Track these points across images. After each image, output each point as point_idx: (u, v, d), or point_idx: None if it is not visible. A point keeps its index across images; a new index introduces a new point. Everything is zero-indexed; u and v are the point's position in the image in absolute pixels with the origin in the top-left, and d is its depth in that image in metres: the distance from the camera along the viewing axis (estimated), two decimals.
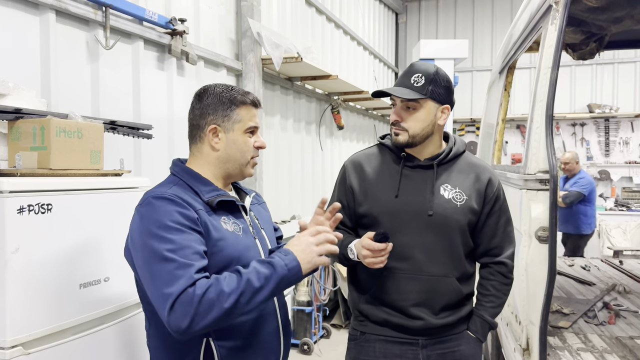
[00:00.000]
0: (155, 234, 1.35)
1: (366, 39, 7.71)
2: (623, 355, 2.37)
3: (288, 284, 1.41)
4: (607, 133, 8.54)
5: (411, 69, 1.82)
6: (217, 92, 1.55)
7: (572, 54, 4.17)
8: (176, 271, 1.31)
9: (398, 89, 1.80)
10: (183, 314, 1.27)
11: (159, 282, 1.32)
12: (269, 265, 1.38)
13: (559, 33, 2.18)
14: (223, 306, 1.29)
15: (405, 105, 1.80)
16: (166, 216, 1.37)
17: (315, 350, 4.75)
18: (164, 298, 1.29)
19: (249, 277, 1.34)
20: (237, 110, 1.54)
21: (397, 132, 1.83)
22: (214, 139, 1.54)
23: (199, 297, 1.28)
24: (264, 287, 1.34)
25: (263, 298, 1.35)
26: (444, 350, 1.86)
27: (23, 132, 1.94)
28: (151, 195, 1.44)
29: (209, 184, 1.53)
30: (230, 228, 1.50)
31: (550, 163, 2.14)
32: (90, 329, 1.95)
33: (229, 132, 1.54)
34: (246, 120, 1.55)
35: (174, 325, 1.28)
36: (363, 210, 1.87)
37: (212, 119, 1.53)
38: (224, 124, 1.53)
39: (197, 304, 1.27)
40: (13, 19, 2.31)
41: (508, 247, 1.92)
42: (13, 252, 1.65)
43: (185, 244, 1.35)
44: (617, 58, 8.46)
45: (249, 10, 4.09)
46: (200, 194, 1.49)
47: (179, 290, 1.28)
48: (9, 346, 1.64)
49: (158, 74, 3.22)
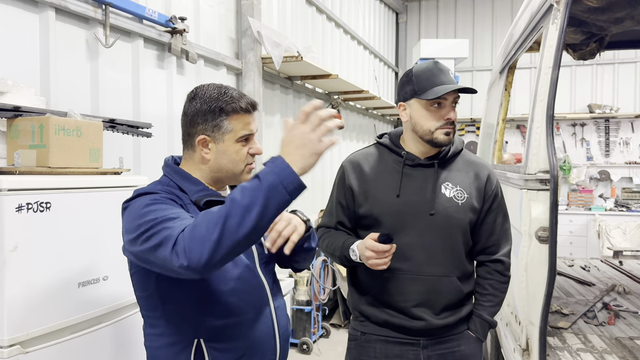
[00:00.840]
0: (144, 212, 1.30)
1: (366, 39, 7.70)
2: (622, 355, 2.37)
3: (285, 191, 1.20)
4: (607, 133, 8.53)
5: (443, 67, 1.82)
6: (206, 97, 1.45)
7: (572, 54, 4.16)
8: (172, 224, 1.24)
9: (454, 85, 1.79)
10: (182, 255, 1.17)
11: (157, 242, 1.23)
12: (254, 178, 1.22)
13: (559, 33, 2.17)
14: (212, 237, 1.16)
15: (454, 101, 1.81)
16: (152, 198, 1.35)
17: (314, 349, 4.74)
18: (164, 252, 1.21)
19: (233, 196, 1.20)
20: (228, 120, 1.44)
21: (449, 131, 1.81)
22: (203, 149, 1.46)
23: (188, 236, 1.18)
24: (254, 203, 1.17)
25: (257, 215, 1.17)
26: (444, 351, 1.86)
27: (22, 130, 1.93)
28: (139, 192, 1.41)
29: (199, 183, 1.48)
30: None
31: (550, 163, 2.14)
32: (88, 327, 1.94)
33: (219, 142, 1.45)
34: (237, 130, 1.46)
35: (179, 269, 1.19)
36: (364, 211, 1.86)
37: (201, 128, 1.45)
38: (213, 134, 1.45)
39: (189, 241, 1.17)
40: (12, 17, 2.30)
41: (505, 245, 1.92)
42: (11, 251, 1.65)
43: (177, 210, 1.31)
44: (618, 58, 8.45)
45: (249, 9, 4.08)
46: (189, 194, 1.44)
47: (175, 238, 1.20)
48: (7, 345, 1.64)
49: (158, 73, 3.21)
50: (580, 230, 7.98)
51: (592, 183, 8.54)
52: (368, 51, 7.87)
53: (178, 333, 1.44)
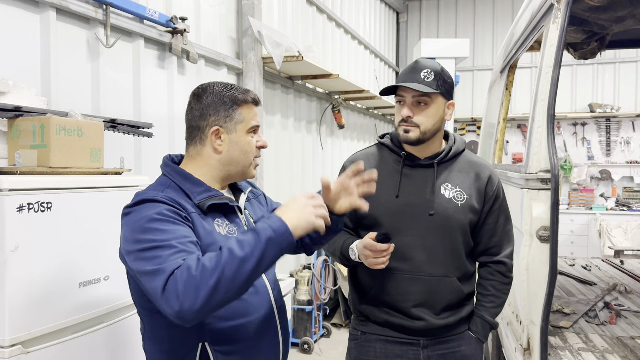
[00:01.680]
0: (146, 228, 1.29)
1: (367, 38, 7.70)
2: (624, 355, 2.36)
3: (279, 248, 1.27)
4: (608, 133, 8.52)
5: (418, 65, 1.79)
6: (217, 91, 1.48)
7: (573, 54, 4.16)
8: (170, 255, 1.24)
9: (410, 83, 1.76)
10: (174, 299, 1.18)
11: (150, 269, 1.23)
12: (252, 232, 1.26)
13: (561, 32, 2.17)
14: (208, 285, 1.17)
15: (417, 100, 1.77)
16: (156, 212, 1.32)
17: (315, 349, 4.74)
18: (156, 285, 1.21)
19: (231, 247, 1.23)
20: (240, 110, 1.48)
21: (408, 129, 1.78)
22: (216, 141, 1.47)
23: (182, 279, 1.18)
24: (250, 256, 1.21)
25: (252, 268, 1.22)
26: (445, 351, 1.85)
27: (23, 131, 1.94)
28: (141, 197, 1.38)
29: (201, 184, 1.46)
30: (223, 232, 1.44)
31: (551, 163, 2.14)
32: (90, 328, 1.94)
33: (232, 133, 1.48)
34: (249, 120, 1.50)
35: (169, 311, 1.19)
36: (364, 212, 1.86)
37: (214, 120, 1.46)
38: (226, 124, 1.47)
39: (183, 286, 1.17)
40: (14, 17, 2.30)
41: (507, 246, 1.91)
42: (13, 251, 1.65)
43: (179, 233, 1.30)
44: (619, 58, 8.44)
45: (250, 9, 4.08)
46: (192, 196, 1.43)
47: (168, 275, 1.20)
48: (9, 345, 1.64)
49: (159, 73, 3.21)
50: (581, 229, 7.97)
51: (593, 182, 8.53)
52: (369, 51, 7.86)
53: (181, 337, 1.42)
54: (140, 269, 1.27)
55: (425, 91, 1.74)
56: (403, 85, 1.76)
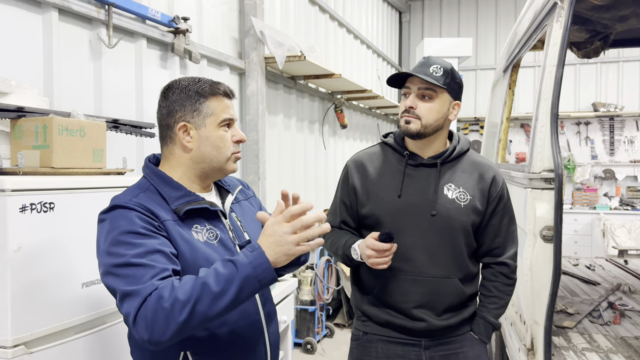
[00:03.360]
0: (118, 240, 1.26)
1: (369, 38, 7.69)
2: (628, 355, 2.35)
3: (258, 285, 1.22)
4: (611, 132, 8.49)
5: (429, 61, 1.78)
6: (182, 85, 1.41)
7: (576, 53, 4.15)
8: (141, 278, 1.21)
9: (419, 73, 1.75)
10: (143, 327, 1.17)
11: (122, 290, 1.22)
12: (231, 265, 1.20)
13: (564, 31, 2.16)
14: (178, 319, 1.15)
15: (422, 93, 1.77)
16: (128, 223, 1.28)
17: (318, 349, 4.74)
18: (127, 310, 1.20)
19: (206, 280, 1.18)
20: (207, 103, 1.40)
21: (409, 120, 1.77)
22: (185, 137, 1.40)
23: (152, 309, 1.16)
24: (226, 292, 1.17)
25: (227, 304, 1.18)
26: (447, 352, 1.84)
27: (25, 131, 1.94)
28: (115, 203, 1.35)
29: (180, 188, 1.40)
30: (202, 238, 1.38)
31: (555, 162, 2.13)
32: (92, 328, 1.94)
33: (201, 127, 1.40)
34: (219, 113, 1.41)
35: (139, 338, 1.18)
36: (366, 211, 1.85)
37: (180, 115, 1.40)
38: (193, 119, 1.39)
39: (152, 315, 1.16)
40: (16, 18, 2.30)
41: (510, 247, 1.90)
42: (15, 251, 1.65)
43: (151, 247, 1.25)
44: (622, 56, 8.41)
45: (252, 8, 4.08)
46: (169, 201, 1.37)
47: (140, 301, 1.18)
48: (11, 345, 1.64)
49: (161, 73, 3.21)
50: (585, 229, 7.94)
51: (596, 182, 8.50)
52: (371, 50, 7.86)
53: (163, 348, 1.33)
54: (112, 285, 1.25)
55: (431, 82, 1.73)
56: (410, 74, 1.76)
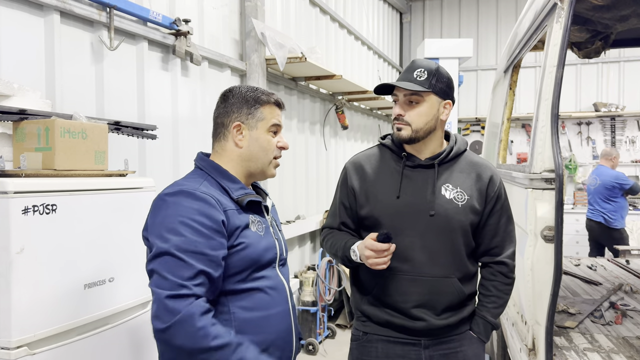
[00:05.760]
0: (174, 228, 1.38)
1: (370, 39, 7.70)
2: (630, 355, 2.35)
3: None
4: (613, 132, 8.49)
5: (413, 65, 1.82)
6: (242, 92, 1.60)
7: (577, 53, 4.15)
8: (179, 272, 1.34)
9: (401, 82, 1.79)
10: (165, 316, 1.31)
11: (160, 276, 1.35)
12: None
13: (564, 31, 2.17)
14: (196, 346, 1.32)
15: (408, 99, 1.79)
16: (191, 213, 1.40)
17: (320, 350, 4.74)
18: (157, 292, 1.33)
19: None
20: (261, 109, 1.59)
21: (400, 127, 1.81)
22: (237, 135, 1.57)
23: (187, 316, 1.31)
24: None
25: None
26: (446, 351, 1.85)
27: (28, 133, 1.95)
28: (183, 188, 1.45)
29: (237, 181, 1.57)
30: (254, 228, 1.54)
31: (555, 162, 2.13)
32: (95, 329, 1.95)
33: (253, 129, 1.58)
34: (269, 119, 1.60)
35: (154, 325, 1.33)
36: (365, 212, 1.87)
37: (236, 116, 1.58)
38: (247, 121, 1.58)
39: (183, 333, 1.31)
40: (18, 21, 2.31)
41: (509, 247, 1.91)
42: (18, 253, 1.66)
43: (202, 248, 1.38)
44: (623, 56, 8.41)
45: (253, 10, 4.09)
46: (230, 192, 1.52)
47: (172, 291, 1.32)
48: (15, 346, 1.65)
49: (162, 75, 3.22)
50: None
51: None
52: (372, 51, 7.86)
53: None
54: (153, 268, 1.37)
55: (413, 89, 1.76)
56: (393, 85, 1.80)
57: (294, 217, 5.08)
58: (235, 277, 1.49)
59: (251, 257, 1.50)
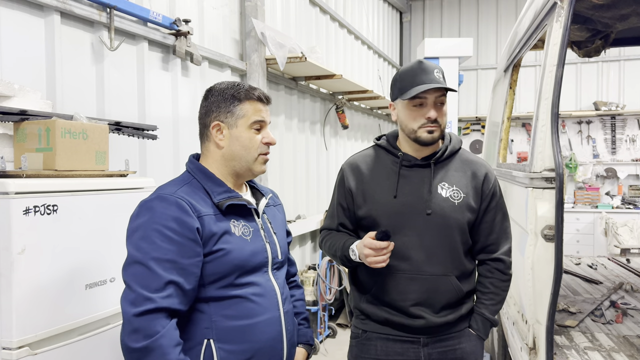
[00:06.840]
0: (146, 236, 1.37)
1: (370, 38, 7.70)
2: (630, 354, 2.36)
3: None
4: (613, 131, 8.48)
5: (426, 66, 1.79)
6: (221, 88, 1.55)
7: (577, 52, 4.15)
8: (147, 283, 1.33)
9: (438, 84, 1.76)
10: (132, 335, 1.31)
11: (129, 288, 1.35)
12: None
13: (564, 31, 2.17)
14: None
15: (439, 101, 1.79)
16: (164, 220, 1.38)
17: (321, 349, 4.75)
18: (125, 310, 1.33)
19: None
20: (240, 106, 1.53)
21: (432, 129, 1.79)
22: (217, 135, 1.53)
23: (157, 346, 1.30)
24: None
25: None
26: (445, 348, 1.86)
27: (28, 134, 1.95)
28: (159, 193, 1.44)
29: (222, 184, 1.53)
30: (238, 232, 1.49)
31: (556, 161, 2.13)
32: (96, 329, 1.95)
33: (233, 128, 1.53)
34: (250, 115, 1.53)
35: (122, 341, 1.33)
36: (362, 213, 1.88)
37: (215, 115, 1.54)
38: (227, 119, 1.53)
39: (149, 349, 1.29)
40: (18, 21, 2.32)
41: (505, 243, 1.93)
42: (19, 253, 1.66)
43: (171, 256, 1.36)
44: (623, 55, 8.41)
45: (253, 10, 4.09)
46: (212, 195, 1.49)
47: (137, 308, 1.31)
48: (16, 346, 1.65)
49: (163, 75, 3.22)
50: (587, 228, 7.93)
51: (598, 181, 8.49)
52: (372, 51, 7.86)
53: (189, 332, 1.46)
54: (124, 278, 1.37)
55: (448, 88, 1.76)
56: (433, 87, 1.74)
57: (295, 217, 5.09)
58: (217, 284, 1.45)
59: (234, 263, 1.45)
